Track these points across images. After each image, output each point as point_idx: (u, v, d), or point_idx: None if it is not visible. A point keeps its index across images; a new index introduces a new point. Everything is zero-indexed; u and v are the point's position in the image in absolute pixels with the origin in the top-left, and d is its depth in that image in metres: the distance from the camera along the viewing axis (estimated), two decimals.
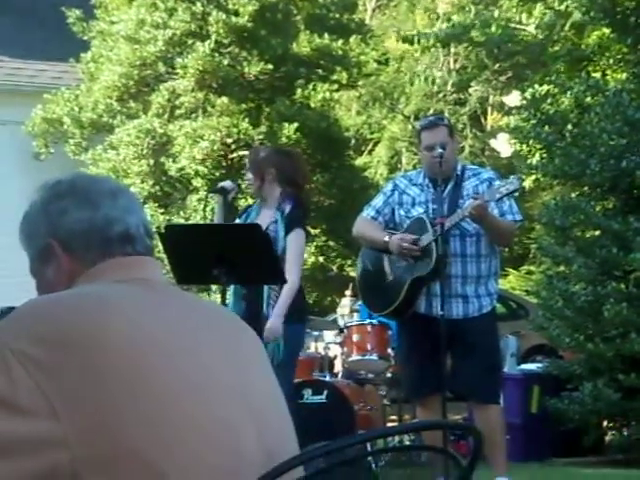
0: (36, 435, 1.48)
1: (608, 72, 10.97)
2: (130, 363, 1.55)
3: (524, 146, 9.80)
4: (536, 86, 10.23)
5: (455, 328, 5.18)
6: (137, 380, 1.54)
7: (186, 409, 1.56)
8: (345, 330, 7.49)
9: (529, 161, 9.80)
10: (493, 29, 11.63)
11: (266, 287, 5.39)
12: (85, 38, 14.44)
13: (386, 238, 5.43)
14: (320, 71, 15.20)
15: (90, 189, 1.81)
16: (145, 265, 1.79)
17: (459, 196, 5.39)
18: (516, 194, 5.41)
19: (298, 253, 5.51)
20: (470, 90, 22.92)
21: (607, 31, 10.66)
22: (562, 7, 11.10)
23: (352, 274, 20.51)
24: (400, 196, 5.52)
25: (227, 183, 5.62)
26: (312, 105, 14.71)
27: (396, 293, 5.42)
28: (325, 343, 8.75)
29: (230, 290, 5.36)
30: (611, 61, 11.03)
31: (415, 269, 5.34)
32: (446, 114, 25.22)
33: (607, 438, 8.12)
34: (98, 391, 1.51)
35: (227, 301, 5.28)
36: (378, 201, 5.64)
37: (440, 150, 5.23)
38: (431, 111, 25.13)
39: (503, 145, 10.03)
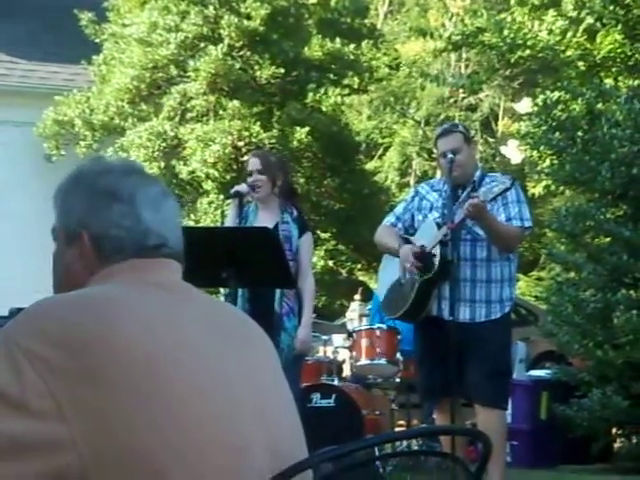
0: (44, 437, 1.48)
1: (620, 78, 10.93)
2: (139, 366, 1.54)
3: (534, 152, 9.78)
4: (547, 92, 10.19)
5: (463, 332, 5.16)
6: (146, 383, 1.54)
7: (194, 412, 1.56)
8: (354, 334, 7.47)
9: (539, 167, 9.79)
10: (505, 32, 11.61)
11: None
12: (97, 41, 14.45)
13: (396, 246, 5.49)
14: (331, 75, 15.20)
15: (137, 196, 1.79)
16: (162, 267, 1.78)
17: None
18: (507, 194, 5.24)
19: (311, 256, 5.97)
20: (481, 96, 22.92)
21: (619, 37, 10.65)
22: (574, 14, 11.05)
23: (361, 278, 20.58)
24: (420, 202, 5.59)
25: (242, 187, 5.69)
26: (323, 109, 14.73)
27: (407, 296, 5.44)
28: (334, 347, 8.76)
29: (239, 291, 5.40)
30: (623, 67, 11.01)
31: (422, 272, 5.34)
32: (457, 120, 25.32)
33: (616, 445, 8.09)
34: (106, 393, 1.51)
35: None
36: (399, 208, 5.78)
37: (450, 155, 5.30)
38: (442, 116, 25.20)
39: (513, 152, 9.99)
